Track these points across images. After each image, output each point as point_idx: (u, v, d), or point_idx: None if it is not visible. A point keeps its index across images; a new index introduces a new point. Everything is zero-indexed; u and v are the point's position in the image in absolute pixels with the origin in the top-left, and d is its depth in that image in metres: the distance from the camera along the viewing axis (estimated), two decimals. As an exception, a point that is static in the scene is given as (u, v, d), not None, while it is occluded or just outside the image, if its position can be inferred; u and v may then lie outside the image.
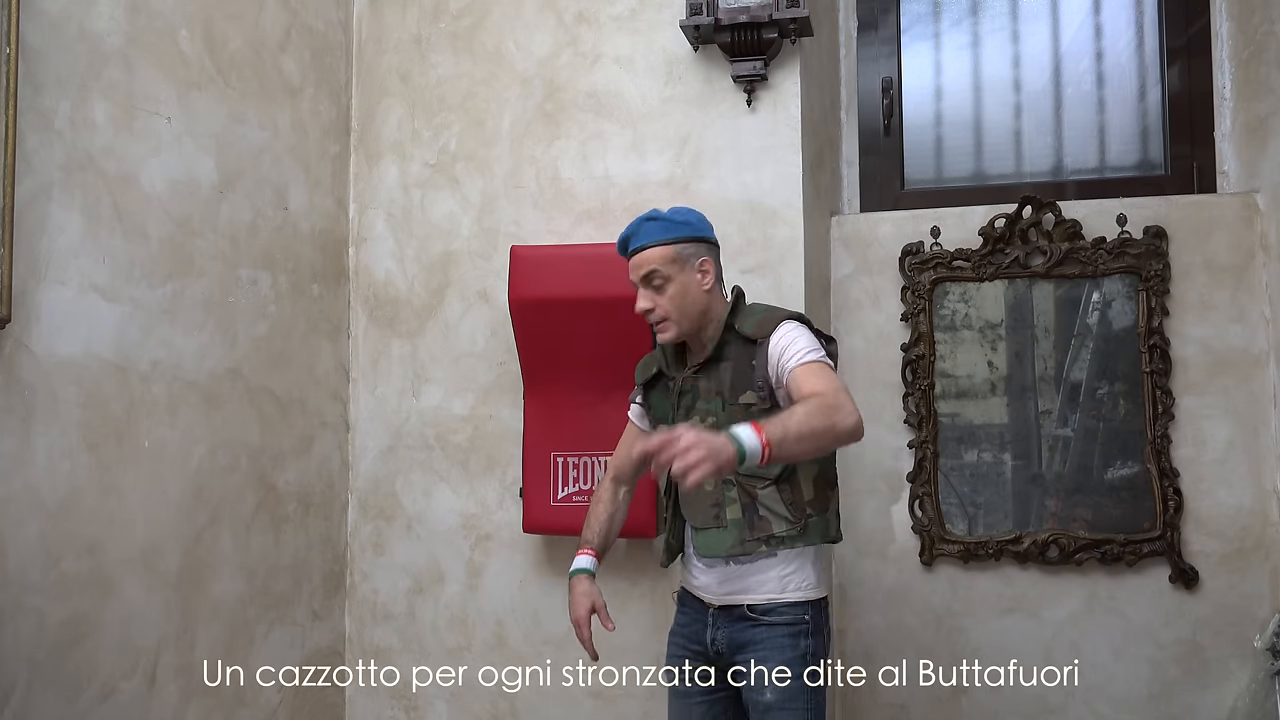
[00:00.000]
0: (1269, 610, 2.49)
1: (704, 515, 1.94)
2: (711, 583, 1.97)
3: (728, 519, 1.91)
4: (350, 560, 2.80)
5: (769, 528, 1.89)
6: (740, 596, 1.94)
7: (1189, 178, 2.77)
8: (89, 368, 1.97)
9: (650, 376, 2.09)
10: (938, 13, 3.04)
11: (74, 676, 1.92)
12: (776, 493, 1.90)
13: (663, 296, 1.94)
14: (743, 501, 1.90)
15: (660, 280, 1.93)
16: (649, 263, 1.94)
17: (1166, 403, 2.58)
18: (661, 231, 1.96)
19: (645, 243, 1.95)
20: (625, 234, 1.99)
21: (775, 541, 1.90)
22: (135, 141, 2.10)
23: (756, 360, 1.91)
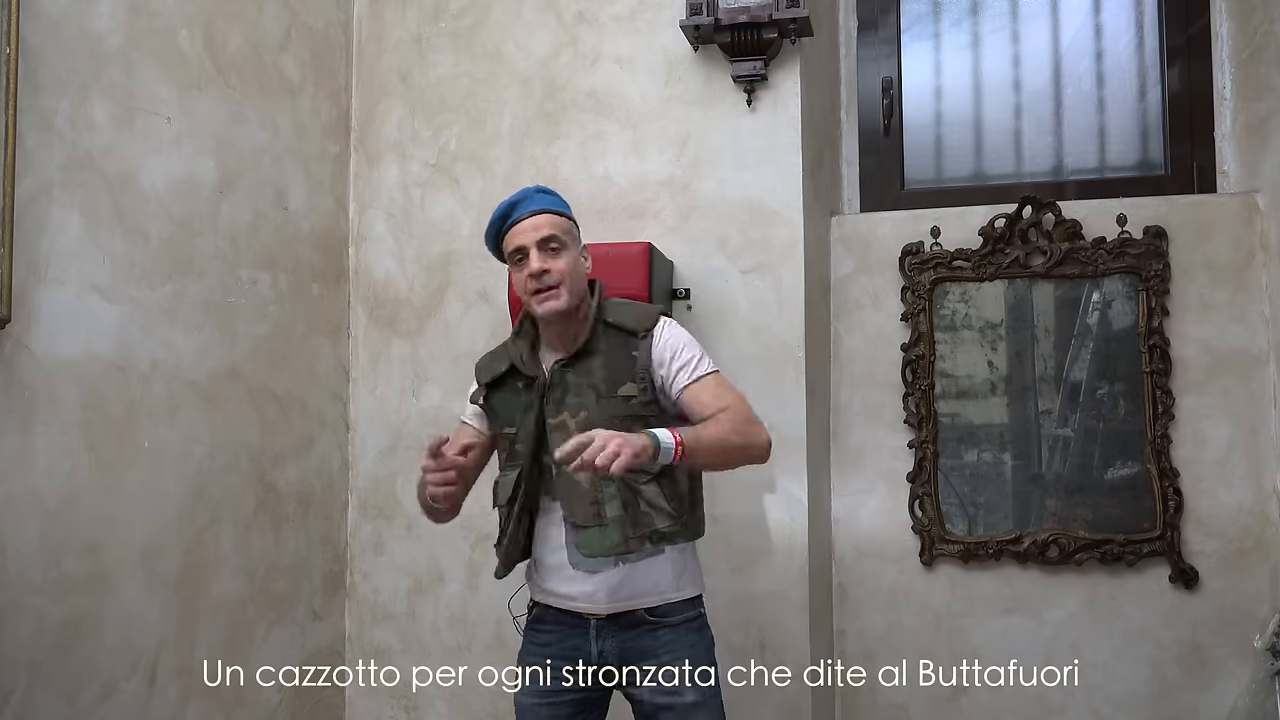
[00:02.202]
0: (1269, 610, 2.49)
1: (584, 512, 1.80)
2: (596, 590, 1.84)
3: (608, 516, 1.78)
4: (350, 560, 2.80)
5: (652, 523, 1.80)
6: (635, 601, 1.85)
7: (1189, 178, 2.77)
8: (89, 368, 1.97)
9: (497, 376, 1.93)
10: (938, 13, 3.04)
11: (74, 676, 1.92)
12: (658, 487, 1.81)
13: (559, 261, 1.84)
14: (624, 497, 1.79)
15: (557, 245, 1.85)
16: (549, 226, 1.85)
17: (1166, 403, 2.58)
18: (558, 203, 1.92)
19: (544, 207, 1.87)
20: (514, 199, 1.88)
21: (658, 537, 1.82)
22: (135, 141, 2.10)
23: (638, 352, 1.85)
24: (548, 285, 1.82)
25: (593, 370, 1.85)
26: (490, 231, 1.91)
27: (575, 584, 1.86)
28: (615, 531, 1.79)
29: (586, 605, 1.86)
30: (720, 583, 2.49)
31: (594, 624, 1.87)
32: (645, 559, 1.84)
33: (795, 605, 2.45)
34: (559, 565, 1.87)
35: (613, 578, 1.84)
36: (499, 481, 1.93)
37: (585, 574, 1.85)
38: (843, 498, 2.76)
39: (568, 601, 1.88)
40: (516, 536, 1.90)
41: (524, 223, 1.85)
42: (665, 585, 1.87)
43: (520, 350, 1.91)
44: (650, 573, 1.85)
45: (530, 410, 1.87)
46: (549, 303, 1.83)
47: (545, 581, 1.92)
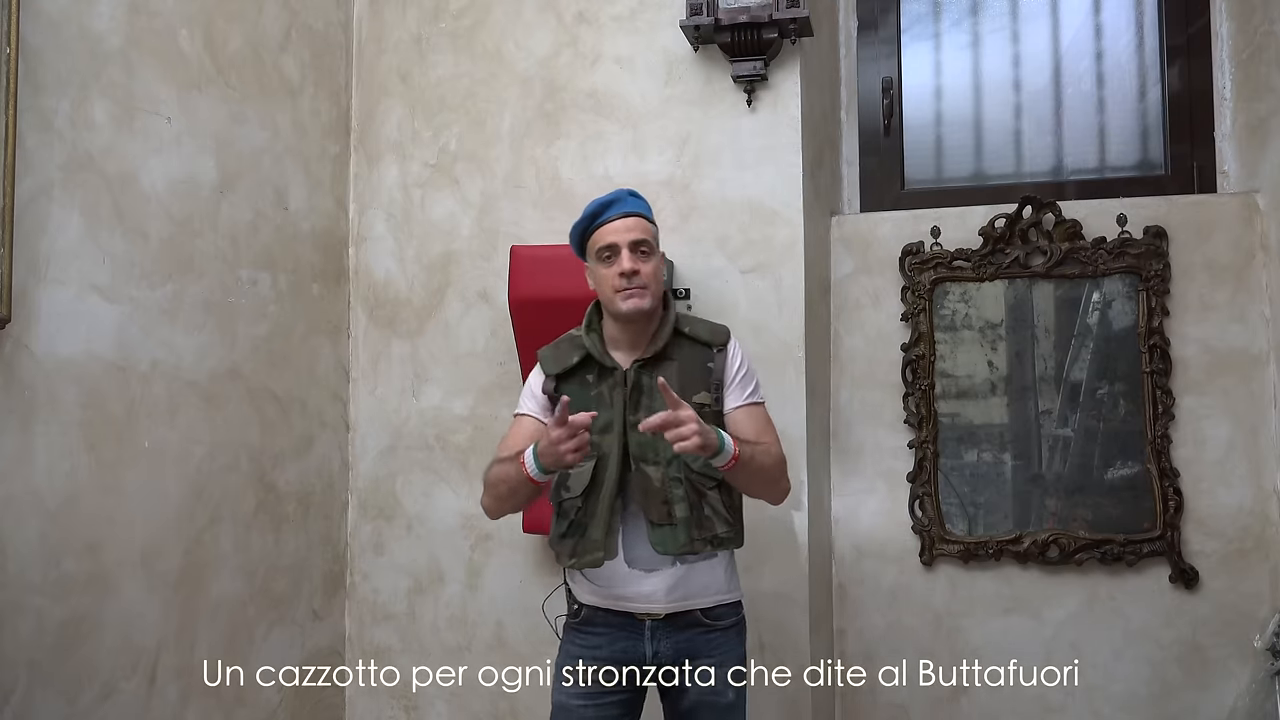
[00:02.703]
0: (1269, 610, 2.49)
1: (658, 511, 1.87)
2: (657, 589, 1.89)
3: (678, 516, 1.86)
4: (350, 560, 2.80)
5: (713, 528, 1.88)
6: (692, 601, 1.91)
7: (1189, 178, 2.77)
8: (89, 368, 1.97)
9: (569, 367, 1.96)
10: (938, 13, 3.04)
11: (74, 676, 1.92)
12: (720, 494, 1.90)
13: (647, 265, 1.90)
14: (691, 500, 1.87)
15: (647, 250, 1.91)
16: (641, 230, 1.91)
17: (1166, 403, 2.58)
18: (648, 209, 1.97)
19: (637, 210, 1.93)
20: (610, 198, 1.93)
21: (718, 542, 1.89)
22: (135, 141, 2.10)
23: (714, 364, 1.94)
24: (637, 285, 1.87)
25: (668, 375, 1.88)
26: (579, 226, 1.95)
27: (633, 584, 1.90)
28: (683, 532, 1.86)
29: (644, 605, 1.90)
30: (720, 583, 2.49)
31: (649, 624, 1.91)
32: (702, 560, 1.91)
33: (795, 605, 2.45)
34: (616, 564, 1.89)
35: (670, 577, 1.89)
36: (570, 473, 1.91)
37: (643, 573, 1.89)
38: (843, 498, 2.76)
39: (623, 602, 1.91)
40: (614, 524, 1.89)
41: (616, 222, 1.90)
42: (718, 587, 1.94)
43: (595, 343, 1.95)
44: (705, 574, 1.91)
45: (606, 403, 1.91)
46: (635, 300, 1.88)
47: (599, 581, 1.92)
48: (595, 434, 1.86)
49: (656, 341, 1.93)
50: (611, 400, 1.91)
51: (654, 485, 1.87)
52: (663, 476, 1.87)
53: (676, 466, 1.87)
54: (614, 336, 1.96)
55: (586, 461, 1.87)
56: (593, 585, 1.94)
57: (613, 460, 1.89)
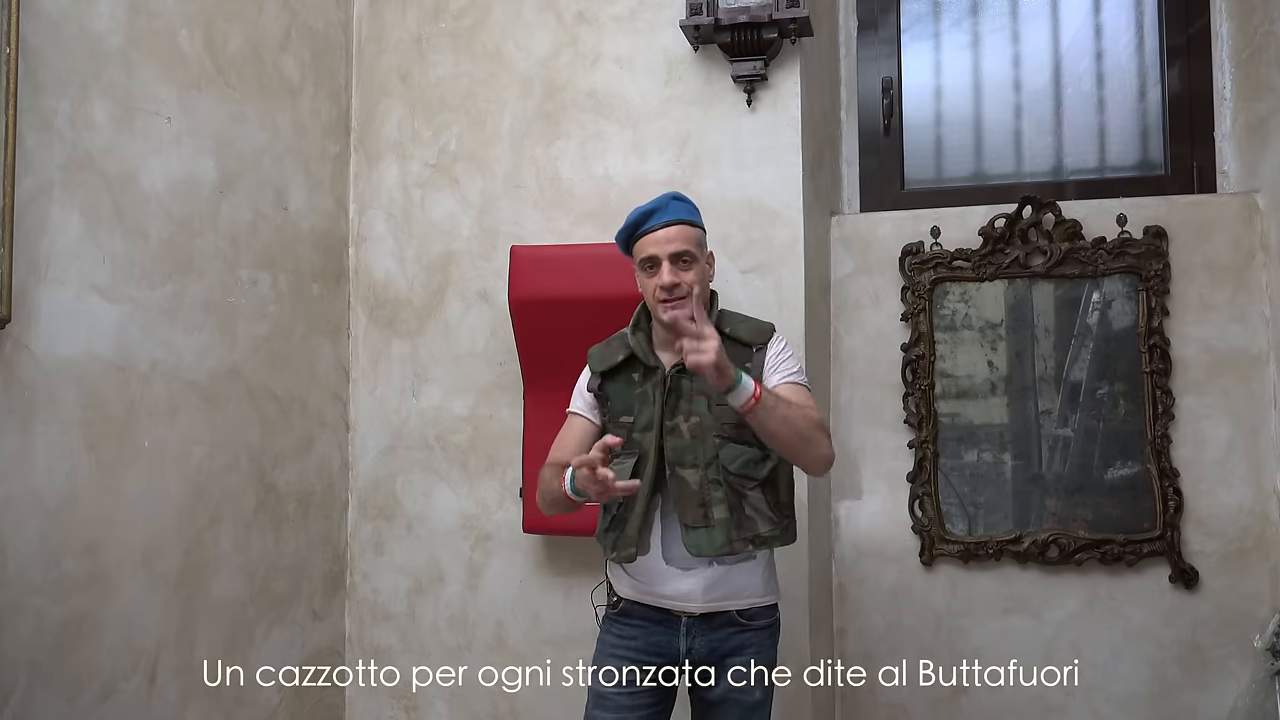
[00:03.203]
0: (1269, 610, 2.49)
1: (693, 513, 1.89)
2: (694, 589, 1.91)
3: (715, 518, 1.88)
4: (350, 560, 2.80)
5: (755, 527, 1.89)
6: (728, 602, 1.92)
7: (1189, 178, 2.77)
8: (89, 368, 1.97)
9: (614, 365, 2.00)
10: (938, 13, 3.04)
11: (74, 676, 1.92)
12: (762, 494, 1.91)
13: (689, 275, 1.90)
14: (730, 501, 1.88)
15: (689, 260, 1.91)
16: (682, 240, 1.90)
17: (1166, 403, 2.58)
18: (691, 213, 1.96)
19: (680, 218, 1.92)
20: (652, 206, 1.93)
21: (760, 541, 1.90)
22: (135, 141, 2.10)
23: (752, 364, 1.93)
24: (677, 296, 1.88)
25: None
26: (623, 233, 1.96)
27: (671, 581, 1.92)
28: (720, 533, 1.87)
29: (680, 603, 1.92)
30: (720, 583, 2.49)
31: (685, 622, 1.93)
32: (740, 561, 1.92)
33: (795, 605, 2.45)
34: (654, 561, 1.92)
35: (709, 576, 1.90)
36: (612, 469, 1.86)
37: (680, 571, 1.91)
38: (843, 498, 2.76)
39: (660, 599, 1.93)
40: (648, 521, 1.92)
41: (659, 233, 1.90)
42: (755, 589, 1.94)
43: (640, 342, 1.97)
44: (743, 575, 1.92)
45: (649, 401, 1.93)
46: (675, 312, 1.87)
47: (638, 576, 1.95)
48: (637, 432, 1.93)
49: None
50: (653, 398, 1.94)
51: (690, 489, 1.89)
52: (701, 479, 1.89)
53: (715, 469, 1.89)
54: (661, 336, 1.98)
55: (628, 458, 1.92)
56: (632, 580, 1.97)
57: (649, 459, 1.91)
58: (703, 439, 1.90)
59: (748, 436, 1.89)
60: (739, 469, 1.89)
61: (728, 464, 1.89)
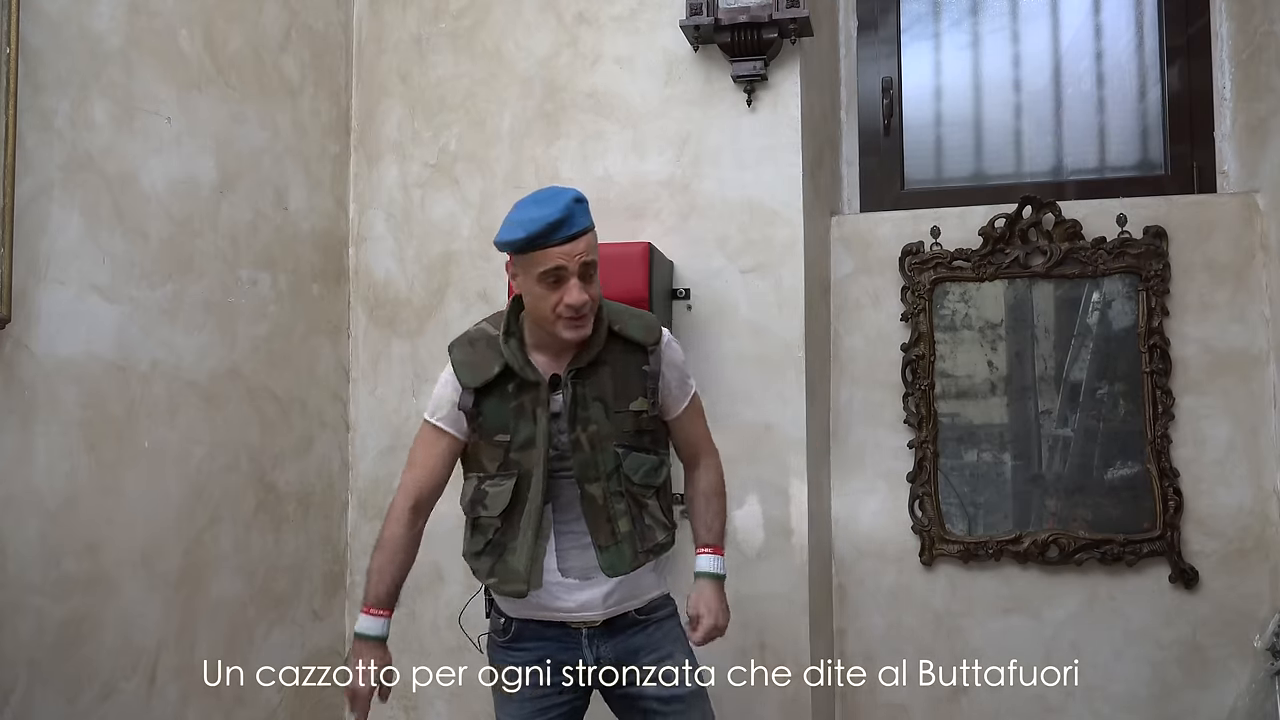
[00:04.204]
0: (1269, 610, 2.49)
1: (604, 533, 1.78)
2: (593, 598, 1.80)
3: (620, 532, 1.78)
4: (350, 560, 2.80)
5: (654, 536, 1.82)
6: (626, 605, 1.84)
7: (1189, 178, 2.77)
8: (89, 368, 1.97)
9: (488, 380, 1.79)
10: (938, 13, 3.04)
11: (74, 676, 1.92)
12: (658, 501, 1.84)
13: (594, 288, 1.73)
14: (633, 513, 1.79)
15: (593, 270, 1.73)
16: (589, 250, 1.71)
17: (1166, 403, 2.58)
18: (589, 215, 1.74)
19: (586, 226, 1.72)
20: (557, 216, 1.67)
21: (659, 549, 1.84)
22: (135, 141, 2.10)
23: (649, 365, 1.82)
24: (584, 314, 1.72)
25: (601, 382, 1.79)
26: (520, 243, 1.69)
27: (567, 594, 1.81)
28: (628, 548, 1.79)
29: (581, 615, 1.82)
30: (720, 583, 2.49)
31: (586, 633, 1.84)
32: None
33: (795, 605, 2.45)
34: (548, 575, 1.80)
35: (607, 585, 1.81)
36: (488, 491, 1.81)
37: (579, 582, 1.80)
38: (843, 498, 2.76)
39: (558, 614, 1.83)
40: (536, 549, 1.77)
41: (566, 245, 1.68)
42: (649, 585, 1.88)
43: (514, 352, 1.79)
44: (640, 577, 1.85)
45: (527, 417, 1.77)
46: (579, 330, 1.74)
47: (533, 595, 1.81)
48: (515, 451, 1.77)
49: (591, 348, 1.78)
50: (535, 414, 1.77)
51: (598, 504, 1.78)
52: (604, 492, 1.78)
53: (617, 480, 1.79)
54: (540, 342, 1.79)
55: (506, 480, 1.78)
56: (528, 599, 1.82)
57: (536, 479, 1.77)
58: (602, 449, 1.78)
59: (646, 443, 1.83)
60: (642, 479, 1.80)
61: (631, 474, 1.79)
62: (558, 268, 1.68)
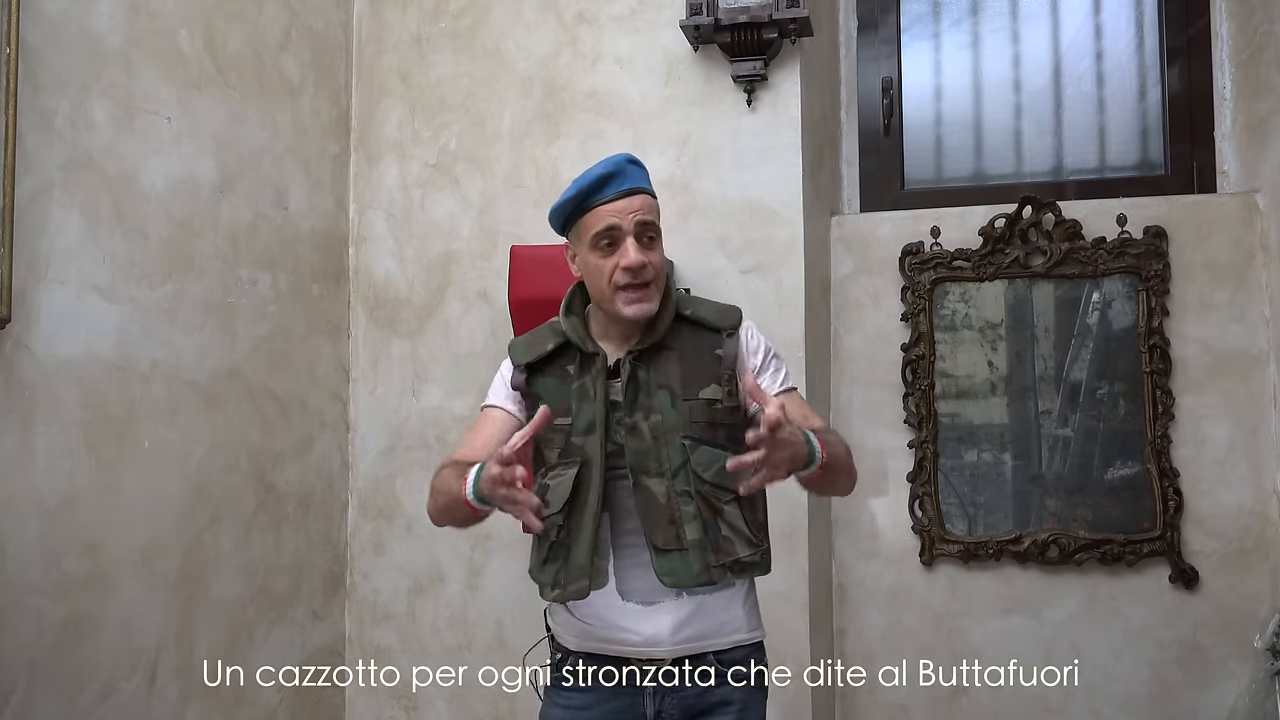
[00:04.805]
0: (1269, 610, 2.49)
1: (664, 533, 1.53)
2: (660, 630, 1.54)
3: (688, 539, 1.52)
4: (350, 560, 2.80)
5: (734, 550, 1.55)
6: (705, 642, 1.56)
7: (1189, 178, 2.77)
8: (89, 368, 1.97)
9: (542, 356, 1.62)
10: (938, 13, 3.04)
11: (74, 676, 1.92)
12: (739, 509, 1.57)
13: (655, 255, 1.56)
14: (704, 518, 1.54)
15: (653, 234, 1.57)
16: (648, 211, 1.56)
17: (1166, 403, 2.58)
18: (648, 180, 1.61)
19: (642, 185, 1.57)
20: (607, 170, 1.55)
21: (740, 567, 1.56)
22: (135, 141, 2.10)
23: (723, 351, 1.61)
24: (644, 281, 1.54)
25: (667, 368, 1.58)
26: (571, 202, 1.56)
27: (629, 622, 1.55)
28: (696, 558, 1.52)
29: (643, 649, 1.55)
30: (720, 583, 2.49)
31: (649, 676, 1.55)
32: (717, 591, 1.57)
33: (795, 605, 2.45)
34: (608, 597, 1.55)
35: (677, 612, 1.55)
36: (549, 485, 1.58)
37: (642, 607, 1.54)
38: (843, 498, 2.76)
39: (618, 646, 1.56)
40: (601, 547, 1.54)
41: (619, 202, 1.53)
42: (737, 624, 1.60)
43: (575, 327, 1.62)
44: (721, 609, 1.57)
45: (590, 398, 1.58)
46: (641, 305, 1.55)
47: (589, 619, 1.57)
48: (577, 435, 1.57)
49: (656, 330, 1.59)
50: (594, 393, 1.58)
51: (658, 503, 1.53)
52: (668, 490, 1.54)
53: (684, 478, 1.54)
54: (603, 324, 1.63)
55: (567, 468, 1.56)
56: (581, 624, 1.58)
57: (595, 467, 1.55)
58: (667, 441, 1.55)
59: (721, 438, 1.57)
60: (714, 478, 1.54)
61: (701, 471, 1.54)
62: (610, 227, 1.53)
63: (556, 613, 1.65)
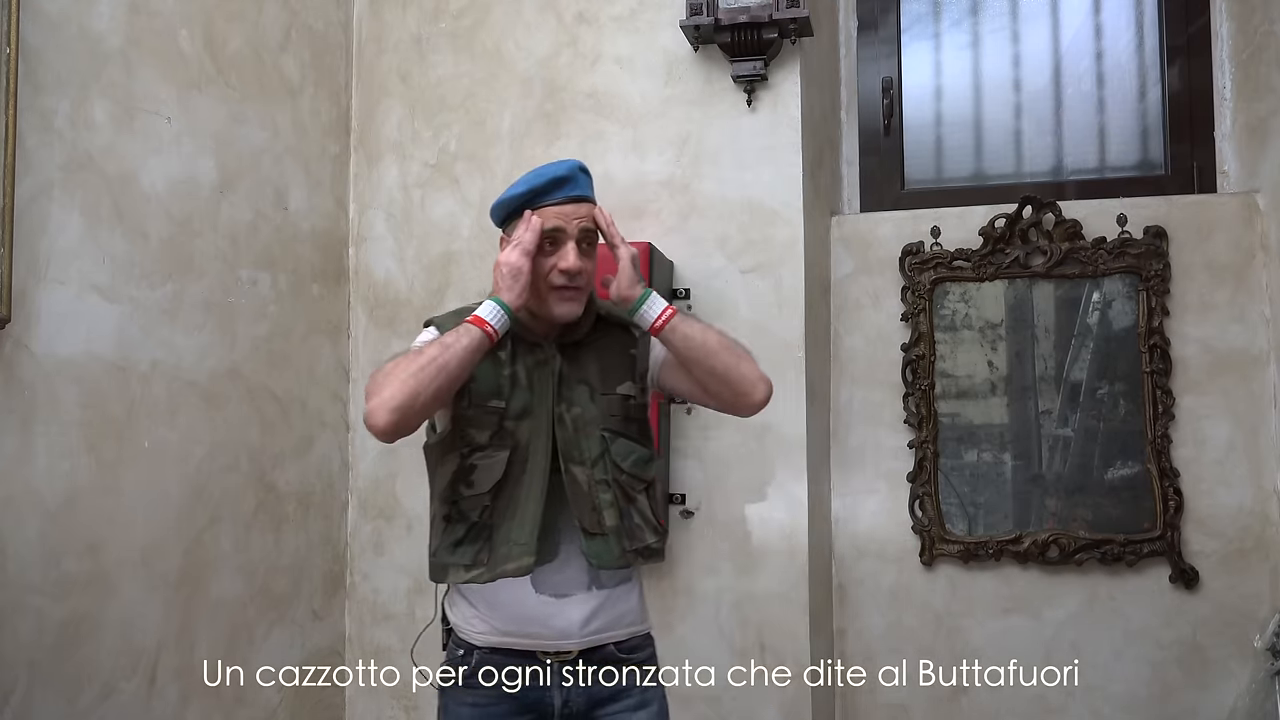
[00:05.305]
0: (1269, 610, 2.49)
1: (589, 517, 1.59)
2: (571, 622, 1.59)
3: (607, 525, 1.59)
4: (350, 560, 2.80)
5: (643, 537, 1.62)
6: (607, 634, 1.62)
7: (1189, 178, 2.77)
8: (89, 368, 1.97)
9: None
10: (938, 13, 3.04)
11: (74, 676, 1.92)
12: (648, 499, 1.66)
13: (589, 263, 1.63)
14: (620, 506, 1.61)
15: (591, 242, 1.64)
16: (590, 218, 1.62)
17: (1166, 403, 2.58)
18: (593, 190, 1.67)
19: (589, 195, 1.64)
20: (561, 173, 1.61)
21: (649, 553, 1.64)
22: (135, 141, 2.10)
23: (638, 350, 1.70)
24: (577, 285, 1.61)
25: (586, 364, 1.66)
26: (519, 198, 1.61)
27: (543, 614, 1.59)
28: (615, 543, 1.59)
29: (554, 642, 1.60)
30: (721, 583, 2.49)
31: (555, 668, 1.61)
32: (620, 584, 1.65)
33: (795, 605, 2.45)
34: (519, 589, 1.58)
35: (587, 605, 1.60)
36: (476, 465, 1.60)
37: (553, 599, 1.59)
38: (843, 498, 2.76)
39: (527, 640, 1.60)
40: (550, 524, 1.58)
41: (567, 206, 1.60)
42: (633, 617, 1.67)
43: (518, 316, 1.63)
44: (622, 601, 1.65)
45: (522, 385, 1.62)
46: (571, 305, 1.62)
47: (499, 612, 1.61)
48: (510, 420, 1.60)
49: (581, 326, 1.67)
50: (531, 382, 1.63)
51: (582, 489, 1.60)
52: (588, 479, 1.60)
53: (603, 468, 1.61)
54: (528, 319, 1.65)
55: (498, 451, 1.59)
56: (492, 620, 1.61)
57: (539, 452, 1.60)
58: (586, 433, 1.62)
59: (634, 432, 1.66)
60: (631, 467, 1.62)
61: (620, 461, 1.62)
62: (556, 229, 1.59)
63: (459, 606, 1.67)
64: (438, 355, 1.51)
